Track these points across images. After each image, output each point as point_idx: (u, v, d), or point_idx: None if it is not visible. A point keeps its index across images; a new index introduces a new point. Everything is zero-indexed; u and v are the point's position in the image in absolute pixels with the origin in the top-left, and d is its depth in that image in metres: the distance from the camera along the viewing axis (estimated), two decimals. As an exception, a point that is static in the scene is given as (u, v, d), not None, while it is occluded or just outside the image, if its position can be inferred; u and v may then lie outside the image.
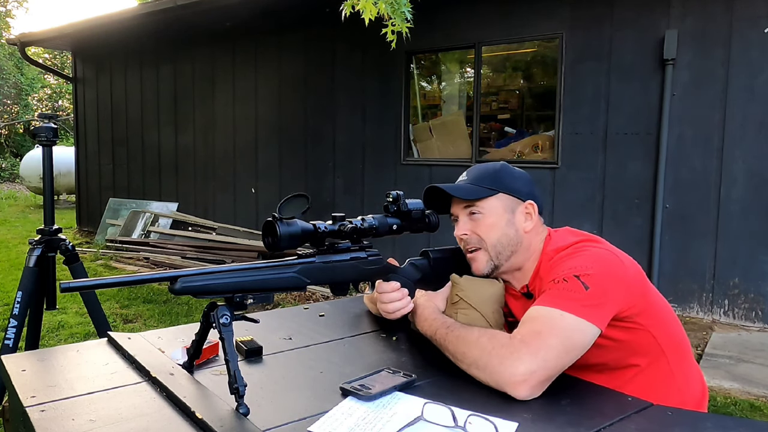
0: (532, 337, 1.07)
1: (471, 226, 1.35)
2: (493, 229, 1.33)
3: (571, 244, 1.28)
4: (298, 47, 6.46)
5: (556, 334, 1.08)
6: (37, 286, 2.39)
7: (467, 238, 1.36)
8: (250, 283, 1.07)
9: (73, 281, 0.96)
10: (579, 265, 1.19)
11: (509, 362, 1.04)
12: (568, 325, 1.10)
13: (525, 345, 1.06)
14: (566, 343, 1.08)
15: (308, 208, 1.10)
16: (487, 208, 1.34)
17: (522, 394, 1.03)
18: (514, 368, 1.03)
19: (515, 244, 1.34)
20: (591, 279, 1.15)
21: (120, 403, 1.01)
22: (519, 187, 1.36)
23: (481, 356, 1.08)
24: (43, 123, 2.36)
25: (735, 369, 3.46)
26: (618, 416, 0.99)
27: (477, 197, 1.34)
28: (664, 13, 4.39)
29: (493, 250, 1.33)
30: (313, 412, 0.98)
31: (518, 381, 1.03)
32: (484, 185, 1.34)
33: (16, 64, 20.62)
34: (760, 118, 4.14)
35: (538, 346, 1.05)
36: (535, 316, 1.13)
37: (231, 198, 7.19)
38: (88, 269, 4.77)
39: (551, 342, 1.07)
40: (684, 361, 1.31)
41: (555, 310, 1.11)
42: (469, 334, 1.14)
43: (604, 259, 1.22)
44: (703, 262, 4.37)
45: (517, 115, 5.99)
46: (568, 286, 1.15)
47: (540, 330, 1.09)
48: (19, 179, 14.96)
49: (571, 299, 1.12)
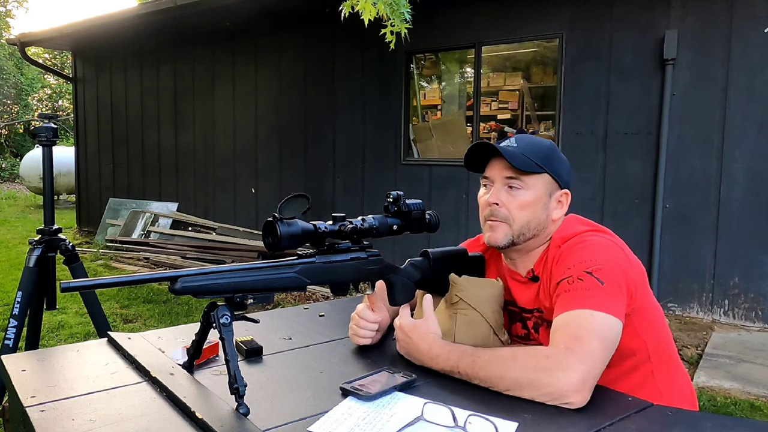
0: (574, 343, 1.05)
1: (505, 198, 1.28)
2: (526, 209, 1.27)
3: (577, 233, 1.27)
4: (298, 47, 6.46)
5: (595, 336, 1.06)
6: (37, 286, 2.39)
7: (497, 209, 1.28)
8: (250, 283, 1.07)
9: (73, 281, 0.96)
10: (587, 259, 1.17)
11: (560, 373, 1.00)
12: (600, 323, 1.08)
13: (572, 353, 1.03)
14: (604, 342, 1.07)
15: (308, 209, 1.10)
16: (530, 185, 1.27)
17: (580, 402, 1.00)
18: (567, 378, 1.00)
19: (540, 229, 1.30)
20: (603, 273, 1.14)
21: (120, 403, 1.01)
22: (563, 172, 1.31)
23: (525, 373, 1.03)
24: (43, 123, 2.36)
25: (735, 369, 3.46)
26: (618, 416, 0.99)
27: (527, 170, 1.26)
28: (664, 13, 4.39)
29: (518, 229, 1.28)
30: (313, 412, 0.98)
31: (574, 390, 1.00)
32: (535, 159, 1.27)
33: (16, 64, 20.63)
34: (760, 118, 4.14)
35: (584, 352, 1.03)
36: (566, 321, 1.10)
37: (231, 198, 7.18)
38: (88, 269, 4.77)
39: (593, 345, 1.05)
40: (669, 367, 1.29)
41: (584, 311, 1.10)
42: (501, 354, 1.08)
43: (608, 249, 1.20)
44: (703, 262, 4.37)
45: (517, 115, 5.99)
46: (584, 284, 1.13)
47: (578, 334, 1.06)
48: (19, 179, 14.96)
49: (592, 297, 1.11)
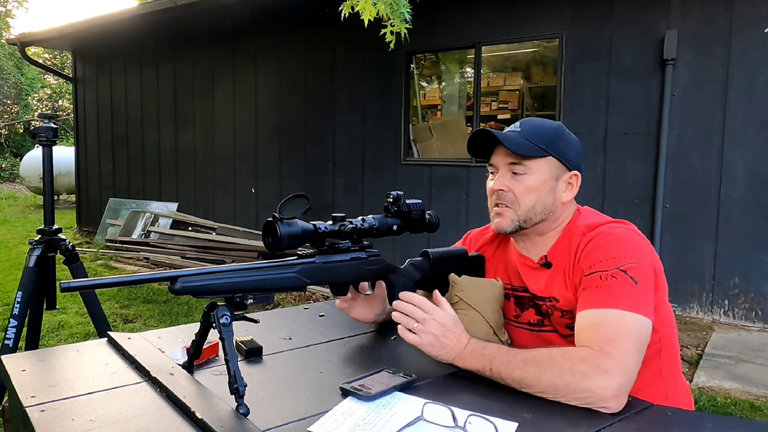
0: (610, 345, 1.03)
1: (510, 184, 1.27)
2: (532, 193, 1.26)
3: (603, 223, 1.25)
4: (298, 47, 6.46)
5: (629, 339, 1.05)
6: (37, 286, 2.39)
7: (503, 194, 1.28)
8: (250, 283, 1.07)
9: (73, 281, 0.96)
10: (621, 255, 1.16)
11: (596, 378, 0.99)
12: (633, 325, 1.07)
13: (608, 356, 1.02)
14: (637, 344, 1.06)
15: (308, 209, 1.10)
16: (534, 170, 1.26)
17: (616, 408, 1.00)
18: (604, 382, 0.99)
19: (548, 213, 1.28)
20: (636, 271, 1.13)
21: (120, 403, 1.01)
22: (571, 154, 1.30)
23: (561, 376, 1.01)
24: (43, 123, 2.36)
25: (735, 369, 3.46)
26: (618, 416, 0.99)
27: (527, 155, 1.25)
28: (664, 13, 4.39)
29: (523, 214, 1.27)
30: (313, 412, 0.98)
31: (612, 396, 0.99)
32: (538, 143, 1.26)
33: (16, 64, 20.63)
34: (760, 118, 4.14)
35: (620, 356, 1.02)
36: (599, 321, 1.09)
37: (231, 198, 7.18)
38: (88, 269, 4.77)
39: (628, 348, 1.04)
40: (675, 368, 1.29)
41: (617, 312, 1.08)
42: (538, 355, 1.06)
43: (639, 245, 1.19)
44: (703, 262, 4.37)
45: (517, 115, 5.99)
46: (618, 282, 1.12)
47: (612, 337, 1.05)
48: (19, 179, 14.96)
49: (625, 296, 1.10)
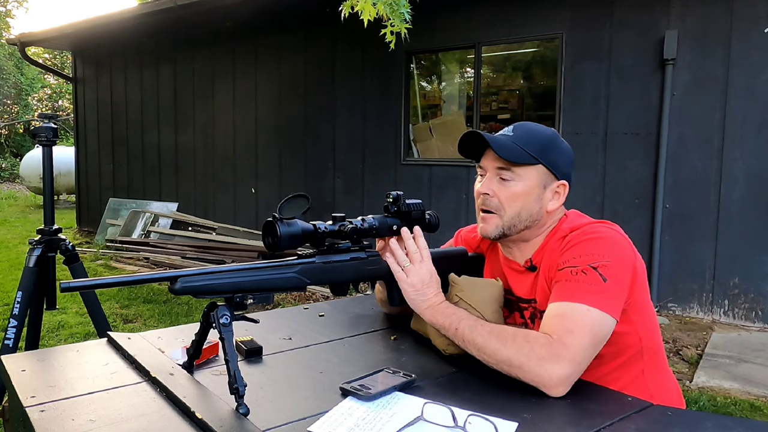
0: (569, 336, 1.08)
1: (497, 188, 1.28)
2: (517, 200, 1.27)
3: (587, 224, 1.26)
4: (298, 47, 6.46)
5: (587, 332, 1.10)
6: (37, 286, 2.39)
7: (488, 199, 1.29)
8: (250, 283, 1.07)
9: (73, 281, 0.96)
10: (595, 252, 1.17)
11: (549, 365, 1.05)
12: (594, 320, 1.11)
13: (563, 347, 1.07)
14: (594, 339, 1.11)
15: (308, 209, 1.10)
16: (522, 176, 1.26)
17: (558, 395, 1.06)
18: (553, 371, 1.05)
19: (533, 221, 1.29)
20: (608, 270, 1.15)
21: (120, 403, 1.01)
22: (561, 163, 1.30)
23: (518, 355, 1.07)
24: (43, 123, 2.36)
25: (735, 369, 3.46)
26: (618, 416, 0.99)
27: (516, 161, 1.25)
28: (664, 13, 4.39)
29: (508, 221, 1.28)
30: (313, 412, 0.98)
31: (557, 384, 1.05)
32: (528, 150, 1.26)
33: (16, 64, 20.64)
34: (760, 118, 4.14)
35: (575, 347, 1.07)
36: (562, 312, 1.13)
37: (231, 198, 7.18)
38: (88, 269, 4.77)
39: (584, 341, 1.08)
40: (659, 368, 1.29)
41: (581, 306, 1.12)
42: (503, 331, 1.13)
43: (618, 244, 1.20)
44: (703, 262, 4.37)
45: (517, 115, 5.98)
46: (587, 278, 1.14)
47: (572, 329, 1.09)
48: (19, 179, 14.96)
49: (592, 292, 1.13)
